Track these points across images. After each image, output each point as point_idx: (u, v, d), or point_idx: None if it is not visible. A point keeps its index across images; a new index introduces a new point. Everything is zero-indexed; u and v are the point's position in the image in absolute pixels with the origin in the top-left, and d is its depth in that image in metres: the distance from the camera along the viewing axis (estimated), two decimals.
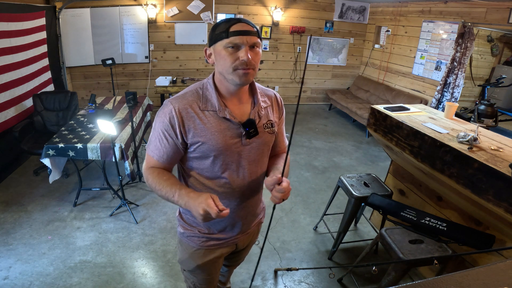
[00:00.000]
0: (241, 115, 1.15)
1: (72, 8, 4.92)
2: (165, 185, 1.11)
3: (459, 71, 4.38)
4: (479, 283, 0.39)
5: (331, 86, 6.97)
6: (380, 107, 2.49)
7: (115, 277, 2.28)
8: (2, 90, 3.32)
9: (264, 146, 1.22)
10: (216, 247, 1.34)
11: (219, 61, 1.06)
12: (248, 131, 1.14)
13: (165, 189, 1.10)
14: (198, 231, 1.31)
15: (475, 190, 1.69)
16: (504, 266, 0.43)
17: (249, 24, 1.04)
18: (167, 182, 1.11)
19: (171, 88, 5.19)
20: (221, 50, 1.04)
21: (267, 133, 1.21)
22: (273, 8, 5.98)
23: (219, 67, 1.08)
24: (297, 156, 4.39)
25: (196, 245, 1.32)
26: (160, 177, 1.13)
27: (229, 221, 1.29)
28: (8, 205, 2.99)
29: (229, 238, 1.33)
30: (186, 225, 1.33)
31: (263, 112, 1.20)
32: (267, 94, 1.27)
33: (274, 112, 1.26)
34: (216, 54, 1.06)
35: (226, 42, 1.02)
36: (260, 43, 1.07)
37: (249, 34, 1.02)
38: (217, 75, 1.13)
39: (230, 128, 1.12)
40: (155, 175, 1.14)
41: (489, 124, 2.15)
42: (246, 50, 1.02)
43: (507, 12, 3.72)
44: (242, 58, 1.02)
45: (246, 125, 1.13)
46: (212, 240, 1.32)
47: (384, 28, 6.09)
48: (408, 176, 2.58)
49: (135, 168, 3.25)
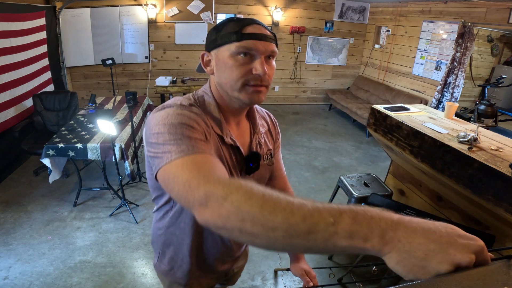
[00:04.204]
0: (241, 144, 0.89)
1: (72, 8, 4.92)
2: (295, 200, 0.51)
3: (459, 71, 4.38)
4: (479, 283, 0.39)
5: (331, 86, 6.97)
6: (380, 107, 2.49)
7: (115, 277, 2.28)
8: (2, 90, 3.32)
9: (261, 182, 0.97)
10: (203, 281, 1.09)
11: (223, 71, 0.79)
12: (251, 167, 0.91)
13: (303, 209, 0.48)
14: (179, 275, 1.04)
15: (475, 190, 1.69)
16: (504, 266, 0.43)
17: (266, 27, 0.80)
18: (290, 197, 0.52)
19: (171, 88, 5.19)
20: (227, 57, 0.77)
21: (266, 165, 0.99)
22: (273, 8, 5.98)
23: (221, 79, 0.80)
24: (297, 156, 4.38)
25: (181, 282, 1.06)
26: (268, 189, 0.54)
27: (217, 261, 1.04)
28: (8, 205, 2.99)
29: (218, 272, 1.10)
30: (165, 273, 1.06)
31: (262, 140, 0.98)
32: (262, 115, 1.03)
33: (269, 138, 1.03)
34: (219, 62, 0.80)
35: (236, 47, 0.75)
36: (277, 52, 0.81)
37: (266, 40, 0.77)
38: (216, 88, 0.85)
39: (229, 159, 0.86)
40: (253, 185, 0.55)
41: (489, 124, 2.15)
42: (262, 61, 0.77)
43: (507, 12, 3.72)
44: (257, 71, 0.76)
45: (249, 159, 0.90)
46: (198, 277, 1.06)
47: (384, 28, 6.09)
48: (408, 176, 2.58)
49: (135, 168, 3.25)
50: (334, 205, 0.49)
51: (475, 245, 0.41)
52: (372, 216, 0.45)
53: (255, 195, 0.52)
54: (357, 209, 0.46)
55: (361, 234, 0.44)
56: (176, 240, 0.98)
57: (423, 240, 0.41)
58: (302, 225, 0.47)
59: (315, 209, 0.47)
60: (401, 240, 0.42)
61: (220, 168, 0.65)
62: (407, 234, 0.42)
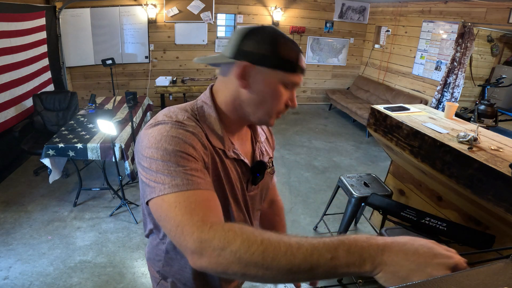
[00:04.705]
0: (244, 153, 0.86)
1: (72, 8, 4.92)
2: (292, 241, 0.55)
3: (459, 71, 4.38)
4: (479, 283, 0.39)
5: (331, 86, 6.97)
6: (380, 107, 2.49)
7: (115, 277, 2.28)
8: (2, 90, 3.32)
9: (263, 191, 0.96)
10: None
11: (262, 95, 0.74)
12: (258, 176, 0.88)
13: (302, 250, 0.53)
14: None
15: (475, 190, 1.69)
16: (504, 266, 0.43)
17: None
18: (285, 237, 0.56)
19: (171, 88, 5.20)
20: (275, 84, 0.73)
21: (269, 174, 0.96)
22: (273, 8, 5.97)
23: (256, 101, 0.75)
24: (297, 156, 4.38)
25: None
26: (262, 232, 0.58)
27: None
28: (8, 205, 2.99)
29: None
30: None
31: (263, 149, 0.95)
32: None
33: (268, 145, 1.00)
34: (264, 84, 0.73)
35: (289, 79, 0.73)
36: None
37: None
38: (226, 100, 0.78)
39: (235, 171, 0.82)
40: (248, 231, 0.57)
41: (489, 124, 2.15)
42: (294, 93, 0.78)
43: (507, 12, 3.72)
44: (293, 105, 0.77)
45: (255, 169, 0.87)
46: None
47: (384, 28, 6.09)
48: (408, 176, 2.58)
49: (135, 168, 3.25)
50: (327, 239, 0.54)
51: (449, 263, 0.49)
52: (362, 246, 0.52)
53: (254, 243, 0.54)
54: (349, 241, 0.53)
55: (356, 263, 0.51)
56: (178, 265, 0.91)
57: (404, 261, 0.49)
58: (304, 265, 0.52)
59: (313, 248, 0.53)
60: (387, 263, 0.50)
61: (215, 209, 0.64)
62: (391, 258, 0.50)
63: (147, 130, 0.71)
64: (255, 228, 0.59)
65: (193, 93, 5.78)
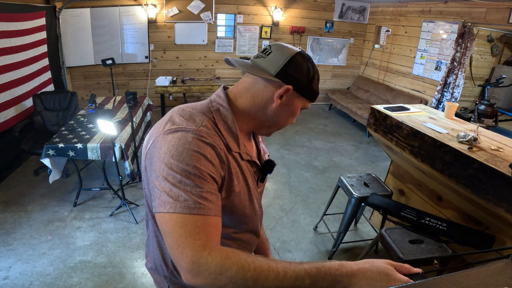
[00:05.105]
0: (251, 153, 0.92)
1: (72, 8, 4.92)
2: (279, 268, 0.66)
3: (459, 71, 4.38)
4: (479, 283, 0.39)
5: (331, 86, 6.97)
6: (380, 107, 2.49)
7: (115, 277, 2.28)
8: (2, 90, 3.32)
9: (262, 187, 1.00)
10: None
11: (284, 111, 0.84)
12: (266, 175, 0.94)
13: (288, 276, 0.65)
14: None
15: (475, 190, 1.69)
16: (504, 266, 0.43)
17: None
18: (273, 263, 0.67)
19: (171, 88, 5.20)
20: (297, 106, 0.84)
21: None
22: (273, 8, 5.98)
23: (277, 113, 0.83)
24: (297, 156, 4.38)
25: None
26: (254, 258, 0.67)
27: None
28: (8, 205, 2.99)
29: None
30: None
31: (264, 147, 1.02)
32: None
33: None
34: (293, 106, 0.83)
35: (307, 104, 0.86)
36: None
37: None
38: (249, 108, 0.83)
39: (249, 172, 0.86)
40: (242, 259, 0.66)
41: (489, 124, 2.15)
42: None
43: (507, 12, 3.72)
44: (293, 122, 0.89)
45: (265, 167, 0.93)
46: None
47: (384, 28, 6.09)
48: (408, 176, 2.58)
49: (135, 168, 3.25)
50: (307, 266, 0.67)
51: (399, 282, 0.64)
52: (335, 273, 0.66)
53: (248, 271, 0.64)
54: (324, 269, 0.66)
55: (329, 286, 0.66)
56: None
57: (364, 281, 0.66)
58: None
59: (296, 275, 0.65)
60: (351, 285, 0.66)
61: (215, 234, 0.69)
62: (356, 282, 0.66)
63: (166, 136, 0.72)
64: (246, 255, 0.67)
65: (193, 93, 5.79)
